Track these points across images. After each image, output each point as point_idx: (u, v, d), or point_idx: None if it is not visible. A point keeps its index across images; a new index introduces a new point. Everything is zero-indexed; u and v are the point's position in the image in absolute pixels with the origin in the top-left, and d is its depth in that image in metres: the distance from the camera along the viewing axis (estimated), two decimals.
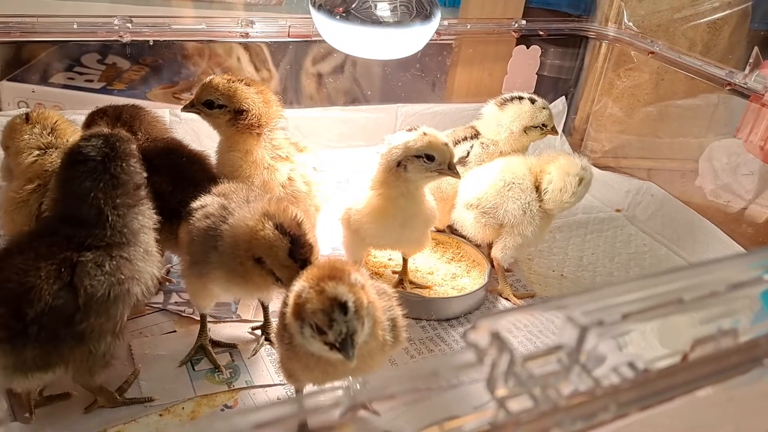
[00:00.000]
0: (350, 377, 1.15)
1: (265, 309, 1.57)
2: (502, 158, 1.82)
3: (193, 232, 1.33)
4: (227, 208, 1.30)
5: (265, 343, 1.55)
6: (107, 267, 1.15)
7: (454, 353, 0.78)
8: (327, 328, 1.02)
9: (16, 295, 1.08)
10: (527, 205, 1.70)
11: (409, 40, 1.72)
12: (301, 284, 1.07)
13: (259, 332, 1.58)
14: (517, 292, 1.83)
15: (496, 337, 0.80)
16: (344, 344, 1.02)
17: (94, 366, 1.18)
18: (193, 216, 1.34)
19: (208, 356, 1.47)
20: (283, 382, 1.42)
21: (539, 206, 1.71)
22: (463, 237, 1.87)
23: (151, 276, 1.24)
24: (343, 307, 1.01)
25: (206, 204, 1.35)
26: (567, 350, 0.86)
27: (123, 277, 1.16)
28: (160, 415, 1.31)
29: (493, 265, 1.81)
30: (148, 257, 1.24)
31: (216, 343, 1.51)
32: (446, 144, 1.47)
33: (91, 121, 1.59)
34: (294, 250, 1.17)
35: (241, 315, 1.63)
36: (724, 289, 1.01)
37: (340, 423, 1.29)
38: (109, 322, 1.16)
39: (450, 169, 1.47)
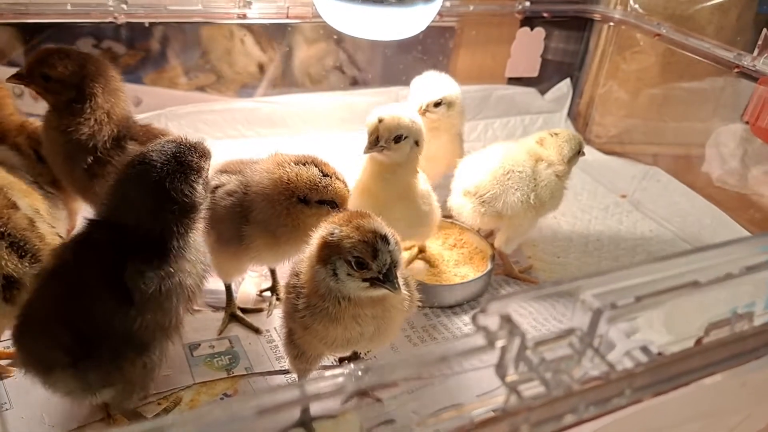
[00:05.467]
0: (369, 340, 1.13)
1: (272, 272, 1.63)
2: (502, 144, 1.78)
3: (218, 210, 1.34)
4: (245, 183, 1.35)
5: (276, 303, 1.59)
6: (155, 263, 1.07)
7: (463, 337, 0.75)
8: (371, 259, 1.02)
9: (76, 317, 1.03)
10: (526, 196, 1.66)
11: (411, 19, 1.68)
12: (326, 228, 1.08)
13: (268, 294, 1.63)
14: (522, 274, 1.81)
15: (507, 320, 0.77)
16: (389, 275, 1.03)
17: (136, 385, 1.12)
18: (214, 196, 1.35)
19: (241, 322, 1.53)
20: (283, 369, 1.39)
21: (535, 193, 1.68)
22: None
23: (203, 268, 1.16)
24: (384, 238, 1.03)
25: (223, 183, 1.37)
26: (579, 334, 0.83)
27: (172, 270, 1.08)
28: (159, 403, 1.29)
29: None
30: (197, 254, 1.16)
31: (244, 310, 1.56)
32: (381, 120, 1.41)
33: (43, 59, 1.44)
34: (321, 170, 1.29)
35: (239, 304, 1.60)
36: (740, 272, 0.98)
37: (342, 410, 1.27)
38: (165, 318, 1.10)
39: (373, 145, 1.41)
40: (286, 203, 1.29)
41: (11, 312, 1.17)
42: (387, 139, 1.41)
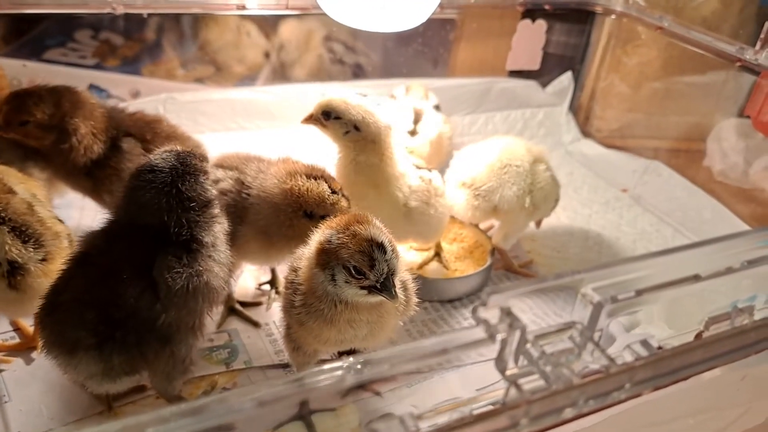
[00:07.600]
0: (362, 340, 1.12)
1: (272, 269, 1.63)
2: (500, 137, 1.76)
3: None
4: (244, 182, 1.33)
5: (275, 296, 1.59)
6: (185, 260, 1.09)
7: (463, 330, 0.74)
8: (368, 269, 1.01)
9: (103, 299, 1.04)
10: (523, 191, 1.65)
11: (412, 11, 1.67)
12: (324, 233, 1.07)
13: (267, 287, 1.62)
14: (522, 269, 1.80)
15: (507, 313, 0.76)
16: (386, 283, 1.02)
17: (173, 371, 1.13)
18: None
19: (240, 315, 1.51)
20: (282, 362, 1.39)
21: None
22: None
23: (228, 272, 1.19)
24: (381, 246, 1.02)
25: (219, 178, 1.35)
26: (580, 327, 0.83)
27: (201, 269, 1.11)
28: (157, 397, 1.28)
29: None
30: (224, 257, 1.19)
31: (243, 304, 1.55)
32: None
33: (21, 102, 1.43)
34: (330, 186, 1.30)
35: (238, 298, 1.59)
36: (740, 266, 0.97)
37: (340, 403, 1.27)
38: (190, 317, 1.11)
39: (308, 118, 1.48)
40: (292, 215, 1.28)
41: (15, 298, 1.18)
42: (316, 114, 1.46)
